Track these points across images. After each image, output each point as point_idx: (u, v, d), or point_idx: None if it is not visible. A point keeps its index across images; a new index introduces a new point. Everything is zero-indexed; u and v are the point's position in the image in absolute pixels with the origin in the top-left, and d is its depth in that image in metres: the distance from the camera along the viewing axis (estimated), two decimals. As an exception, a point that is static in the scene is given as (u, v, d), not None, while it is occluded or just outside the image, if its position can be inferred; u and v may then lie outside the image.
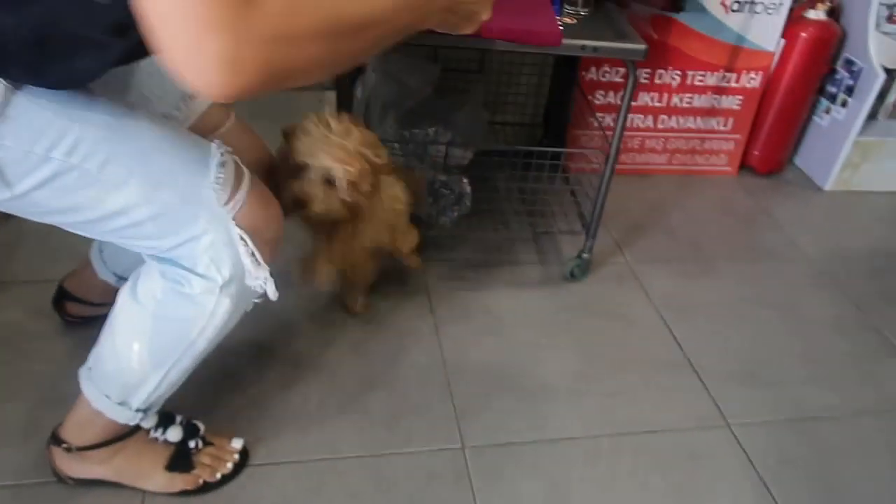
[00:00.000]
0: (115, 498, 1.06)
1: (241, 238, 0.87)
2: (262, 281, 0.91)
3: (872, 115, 2.02)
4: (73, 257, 1.32)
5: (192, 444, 1.10)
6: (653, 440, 1.29)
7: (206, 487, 1.09)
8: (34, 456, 1.09)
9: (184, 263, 0.88)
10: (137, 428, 1.06)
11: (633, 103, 2.01)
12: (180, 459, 1.08)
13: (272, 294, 0.93)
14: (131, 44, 0.69)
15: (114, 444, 1.03)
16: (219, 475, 1.10)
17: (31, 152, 0.77)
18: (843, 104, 2.03)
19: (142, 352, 0.94)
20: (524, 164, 1.51)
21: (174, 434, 1.09)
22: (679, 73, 1.97)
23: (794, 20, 1.94)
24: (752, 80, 2.01)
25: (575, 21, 1.40)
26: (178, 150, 0.87)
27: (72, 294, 1.31)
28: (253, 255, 0.89)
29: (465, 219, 1.67)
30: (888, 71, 1.92)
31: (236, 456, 1.12)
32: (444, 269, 1.64)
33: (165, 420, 1.09)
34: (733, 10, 1.88)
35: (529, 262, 1.71)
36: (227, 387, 1.28)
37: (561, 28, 1.34)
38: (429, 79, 1.70)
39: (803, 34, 1.93)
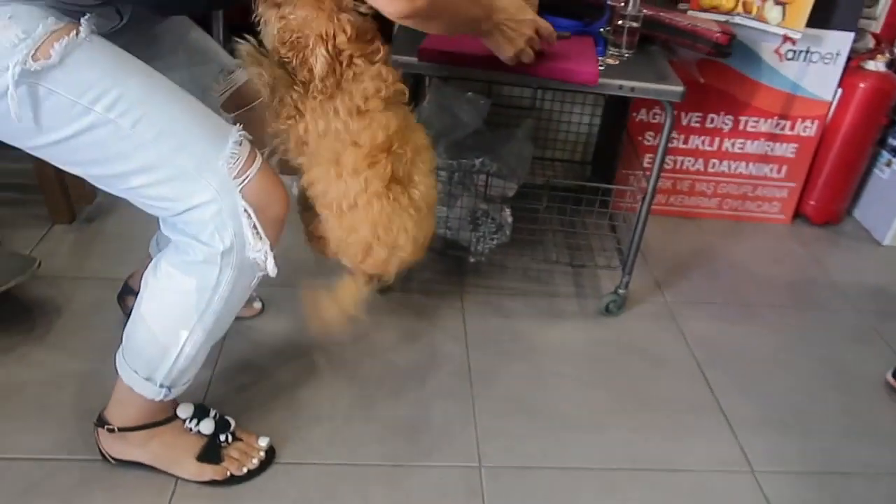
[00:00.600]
0: (151, 480, 1.15)
1: (246, 211, 0.95)
2: (261, 254, 0.98)
3: (936, 170, 1.97)
4: (142, 258, 1.44)
5: (222, 437, 1.18)
6: (671, 478, 1.29)
7: (233, 480, 1.16)
8: (85, 435, 1.19)
9: (189, 230, 0.96)
10: (174, 417, 1.15)
11: (684, 146, 2.03)
12: (210, 451, 1.16)
13: (271, 269, 1.00)
14: None
15: (151, 429, 1.12)
16: (245, 470, 1.17)
17: (77, 102, 0.88)
18: (905, 157, 1.99)
19: (159, 324, 1.03)
20: (565, 197, 1.56)
21: (207, 426, 1.17)
22: (731, 117, 1.98)
23: (851, 70, 1.92)
24: (808, 129, 2.00)
25: (617, 62, 1.45)
26: (202, 123, 0.96)
27: (134, 290, 1.43)
28: (255, 227, 0.96)
29: (507, 248, 1.72)
30: (951, 126, 1.88)
31: (262, 454, 1.19)
32: (481, 295, 1.69)
33: (200, 412, 1.17)
34: (788, 59, 1.88)
35: (566, 295, 1.74)
36: (262, 387, 1.36)
37: (601, 68, 1.40)
38: (480, 113, 1.77)
39: (861, 85, 1.91)
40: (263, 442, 1.21)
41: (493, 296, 1.70)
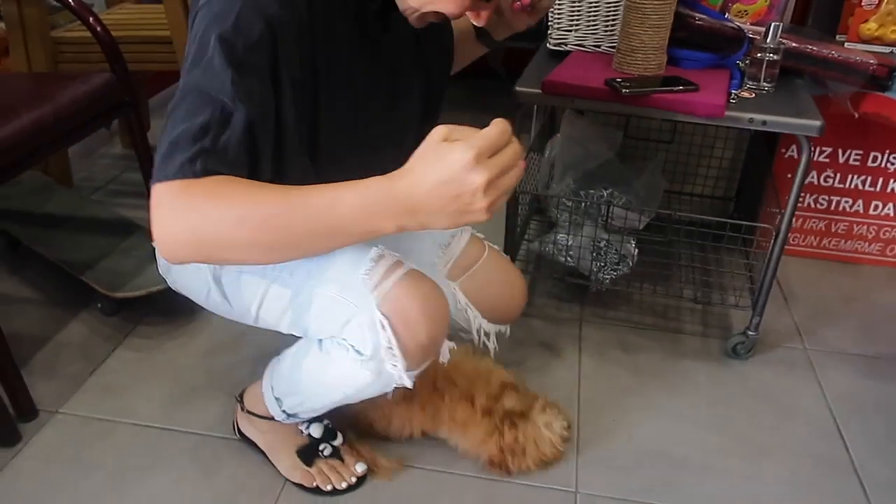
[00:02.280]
0: (268, 471, 1.27)
1: (381, 323, 0.96)
2: (396, 371, 0.99)
3: None
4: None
5: (322, 446, 1.26)
6: (784, 534, 1.21)
7: (317, 491, 1.23)
8: (224, 416, 1.37)
9: (346, 338, 1.03)
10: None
11: (840, 185, 1.89)
12: (308, 452, 1.25)
13: (408, 383, 1.02)
14: None
15: (272, 421, 1.23)
16: (329, 487, 1.23)
17: (255, 273, 1.04)
18: None
19: (298, 376, 1.13)
20: (700, 234, 1.51)
21: (316, 430, 1.26)
22: (898, 156, 1.81)
23: None
24: None
25: (753, 95, 1.40)
26: (344, 251, 1.01)
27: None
28: (389, 343, 0.96)
29: (634, 281, 1.70)
30: None
31: (353, 479, 1.24)
32: (601, 325, 1.69)
33: (314, 417, 1.26)
34: (970, 93, 1.70)
35: (692, 333, 1.68)
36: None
37: (734, 101, 1.37)
38: (611, 145, 1.78)
39: None
40: (360, 468, 1.25)
41: (613, 327, 1.69)
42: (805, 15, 1.76)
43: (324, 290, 1.00)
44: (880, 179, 1.86)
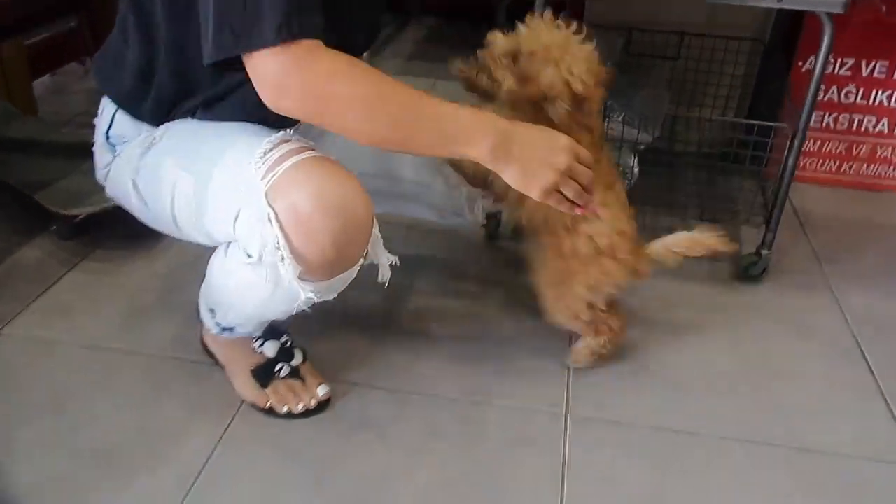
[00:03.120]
0: (227, 391, 1.14)
1: (269, 217, 0.83)
2: (286, 275, 0.85)
3: None
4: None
5: (279, 366, 1.13)
6: (800, 458, 1.07)
7: (272, 413, 1.10)
8: (186, 336, 1.24)
9: (237, 236, 0.91)
10: None
11: (863, 102, 1.73)
12: (262, 373, 1.12)
13: (302, 295, 0.88)
14: None
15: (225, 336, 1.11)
16: (285, 409, 1.09)
17: (168, 163, 0.96)
18: None
19: (214, 285, 1.01)
20: (710, 147, 1.37)
21: (270, 349, 1.13)
22: (929, 67, 1.65)
23: None
24: None
25: (768, -23, 1.25)
26: (244, 137, 0.91)
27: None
28: (277, 241, 0.83)
29: (635, 202, 1.55)
30: None
31: (314, 402, 1.11)
32: (600, 249, 1.55)
33: (269, 334, 1.14)
34: None
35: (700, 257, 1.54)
36: (344, 302, 1.31)
37: (745, -20, 1.22)
38: (610, 52, 1.63)
39: None
40: (322, 391, 1.11)
41: (612, 250, 1.55)
42: None
43: (220, 177, 0.89)
44: (908, 95, 1.70)
